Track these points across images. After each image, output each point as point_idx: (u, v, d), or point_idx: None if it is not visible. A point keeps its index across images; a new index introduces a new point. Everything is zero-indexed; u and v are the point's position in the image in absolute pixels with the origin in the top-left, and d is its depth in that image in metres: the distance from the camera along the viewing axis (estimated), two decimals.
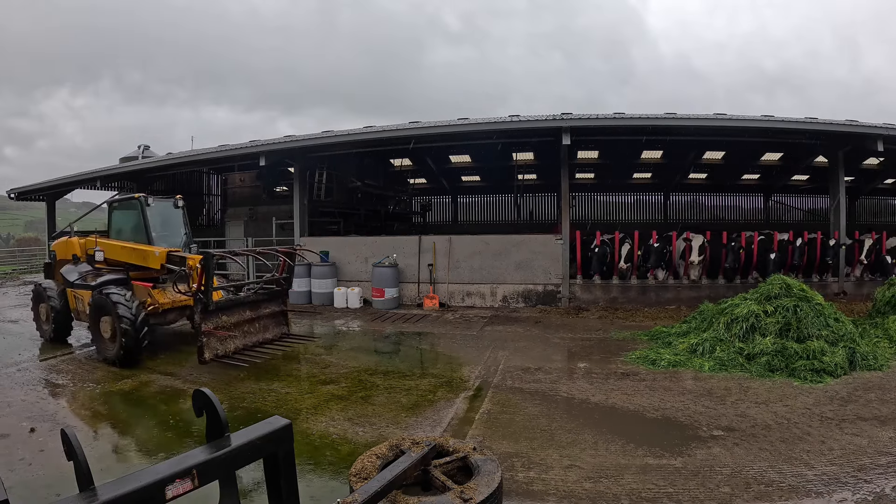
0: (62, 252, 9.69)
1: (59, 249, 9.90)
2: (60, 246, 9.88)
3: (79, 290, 8.49)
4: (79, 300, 8.52)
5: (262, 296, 8.21)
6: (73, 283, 8.56)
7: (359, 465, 3.69)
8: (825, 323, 7.15)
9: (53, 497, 3.80)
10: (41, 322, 9.32)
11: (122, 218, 9.31)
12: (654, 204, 23.01)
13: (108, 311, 7.54)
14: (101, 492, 1.91)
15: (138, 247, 8.50)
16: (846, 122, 12.47)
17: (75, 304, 8.69)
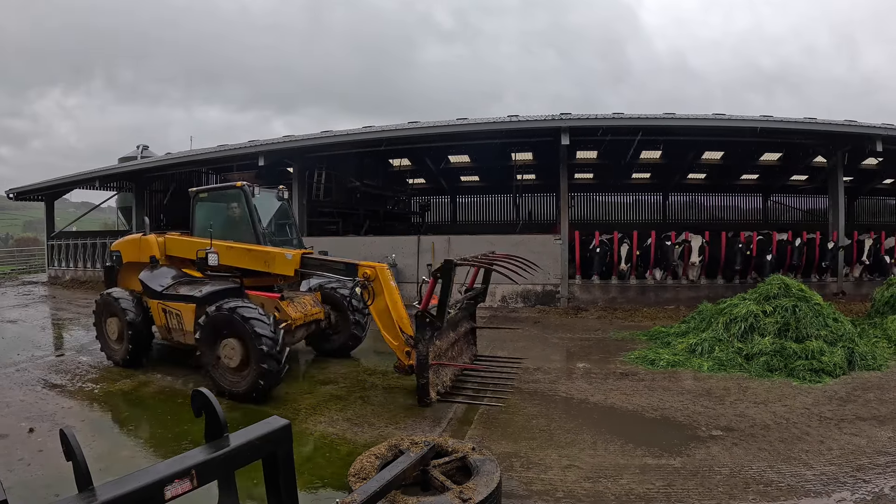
0: (131, 253, 7.95)
1: (126, 249, 8.08)
2: (129, 245, 8.08)
3: (171, 303, 6.97)
4: (171, 315, 7.00)
5: (464, 312, 6.99)
6: (162, 292, 7.08)
7: (358, 466, 3.70)
8: (824, 323, 7.15)
9: (52, 497, 3.80)
10: (109, 341, 7.54)
11: (212, 212, 7.69)
12: (653, 204, 23.01)
13: (238, 332, 5.87)
14: (100, 492, 1.91)
15: (261, 248, 6.93)
16: (845, 122, 12.49)
17: (164, 319, 7.11)
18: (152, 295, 7.19)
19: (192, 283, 7.11)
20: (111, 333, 7.50)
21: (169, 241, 7.71)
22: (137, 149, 21.60)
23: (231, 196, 7.46)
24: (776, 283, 7.79)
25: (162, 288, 7.13)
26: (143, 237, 7.82)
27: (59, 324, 11.44)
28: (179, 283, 7.17)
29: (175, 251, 7.61)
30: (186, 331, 6.78)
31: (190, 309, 6.71)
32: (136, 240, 7.94)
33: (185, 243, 7.51)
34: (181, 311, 6.85)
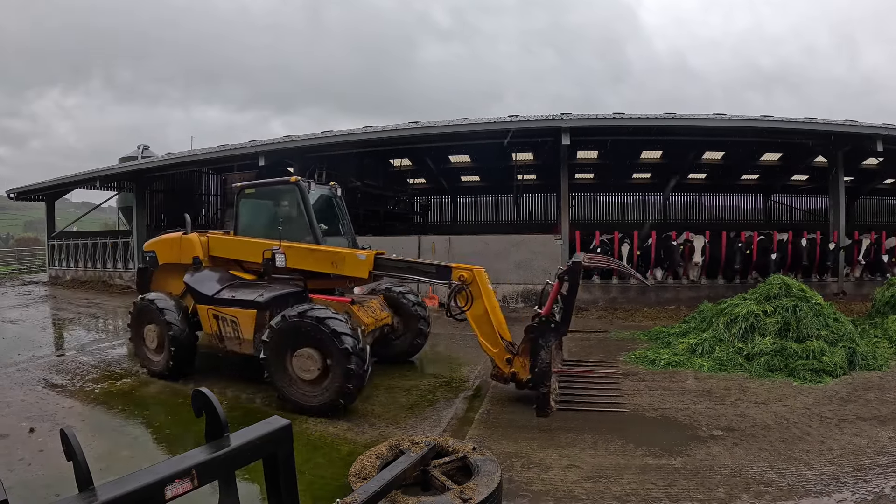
0: (169, 253, 7.32)
1: (162, 250, 7.43)
2: (166, 245, 7.42)
3: (226, 308, 6.37)
4: (224, 322, 6.39)
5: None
6: (214, 297, 6.46)
7: (358, 466, 3.70)
8: (824, 323, 7.15)
9: (53, 497, 3.80)
10: (147, 351, 6.91)
11: (260, 209, 7.31)
12: (654, 204, 22.99)
13: (318, 341, 5.37)
14: (100, 492, 1.91)
15: (329, 249, 6.53)
16: (846, 122, 12.49)
17: (216, 326, 6.49)
18: (201, 300, 6.57)
19: (249, 287, 6.50)
20: (150, 342, 6.84)
21: (213, 240, 7.17)
22: (138, 149, 21.62)
23: (283, 192, 7.01)
24: (777, 283, 7.78)
25: (213, 292, 6.49)
26: (183, 236, 7.20)
27: (59, 324, 11.45)
28: (233, 287, 6.56)
29: (220, 251, 7.08)
30: (244, 339, 6.23)
31: (249, 315, 6.13)
32: (175, 239, 7.29)
33: (233, 243, 7.03)
34: (237, 318, 6.25)
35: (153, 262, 7.49)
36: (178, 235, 7.27)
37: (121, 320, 11.87)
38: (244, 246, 6.90)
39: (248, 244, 6.86)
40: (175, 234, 7.42)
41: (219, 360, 7.41)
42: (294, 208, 6.83)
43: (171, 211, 21.22)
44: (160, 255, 7.41)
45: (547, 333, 5.23)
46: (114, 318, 12.14)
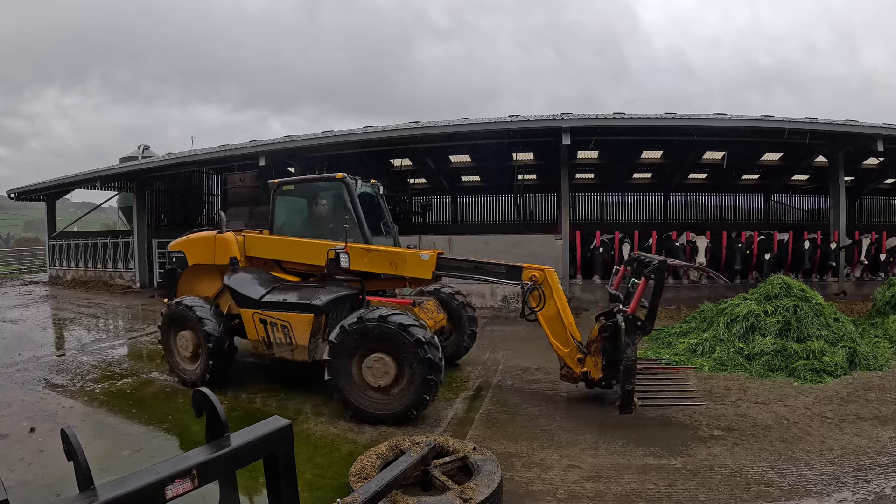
0: (200, 253, 6.88)
1: (192, 250, 6.99)
2: (197, 245, 6.98)
3: (277, 313, 5.95)
4: (274, 327, 5.98)
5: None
6: (262, 300, 6.04)
7: (359, 465, 3.70)
8: (825, 323, 7.15)
9: (53, 497, 3.81)
10: (180, 359, 6.51)
11: (300, 206, 7.00)
12: (654, 204, 22.98)
13: (393, 344, 5.15)
14: (100, 492, 1.91)
15: (387, 249, 6.30)
16: (846, 121, 12.48)
17: (263, 331, 6.07)
18: (246, 303, 6.14)
19: (299, 290, 6.12)
20: (183, 350, 6.42)
21: (251, 239, 6.76)
22: (138, 149, 21.62)
23: (327, 189, 6.70)
24: (777, 282, 7.78)
25: (260, 295, 6.08)
26: (219, 235, 6.73)
27: (60, 324, 11.45)
28: (281, 290, 6.17)
29: (259, 252, 6.70)
30: (297, 345, 5.85)
31: (304, 320, 5.75)
32: (208, 238, 6.83)
33: (277, 243, 6.66)
34: (290, 323, 5.84)
35: (181, 263, 7.04)
36: (213, 234, 6.80)
37: (121, 320, 11.89)
38: (291, 246, 6.56)
39: (296, 244, 6.51)
40: (208, 232, 6.99)
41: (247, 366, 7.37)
42: (340, 207, 6.54)
43: (172, 211, 21.27)
44: (190, 255, 6.96)
45: (633, 331, 5.10)
46: (114, 319, 12.15)
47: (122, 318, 12.23)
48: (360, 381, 5.29)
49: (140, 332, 10.06)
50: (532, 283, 5.63)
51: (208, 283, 6.85)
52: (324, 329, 5.70)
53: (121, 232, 21.43)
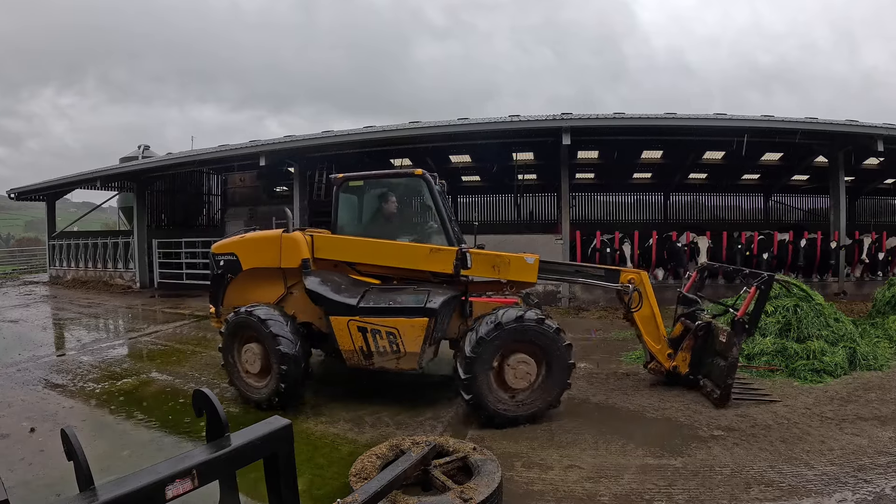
0: (260, 255, 6.14)
1: (249, 252, 6.22)
2: (256, 246, 6.24)
3: (382, 319, 5.47)
4: (377, 335, 5.50)
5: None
6: (361, 306, 5.53)
7: (359, 465, 3.71)
8: (825, 323, 7.14)
9: (54, 497, 3.81)
10: (245, 376, 5.82)
11: (368, 204, 6.54)
12: (655, 204, 22.99)
13: (538, 345, 5.20)
14: (101, 492, 1.92)
15: (490, 252, 5.96)
16: (846, 121, 12.48)
17: (362, 340, 5.54)
18: (340, 311, 5.58)
19: (398, 293, 5.71)
20: (248, 366, 5.77)
21: (321, 240, 6.08)
22: (138, 149, 21.65)
23: (404, 186, 6.49)
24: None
25: (358, 301, 5.58)
26: (286, 235, 6.00)
27: (60, 324, 11.45)
28: (376, 294, 5.71)
29: (330, 253, 6.06)
30: (406, 352, 5.45)
31: (417, 325, 5.38)
32: (272, 239, 6.08)
33: (351, 244, 6.08)
34: (398, 329, 5.42)
35: (232, 268, 6.25)
36: (278, 234, 6.06)
37: (121, 320, 11.90)
38: (376, 247, 6.00)
39: (383, 245, 5.99)
40: (271, 232, 6.30)
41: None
42: (420, 203, 6.31)
43: (173, 211, 21.28)
44: (245, 257, 6.17)
45: (740, 332, 5.56)
46: (114, 319, 12.15)
47: (123, 318, 12.23)
48: (499, 385, 5.21)
49: (140, 332, 10.06)
50: (632, 285, 5.89)
51: (267, 288, 6.15)
52: (432, 334, 5.45)
53: (121, 232, 21.44)
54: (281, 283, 6.11)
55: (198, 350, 8.47)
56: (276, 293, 6.11)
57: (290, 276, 6.03)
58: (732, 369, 5.55)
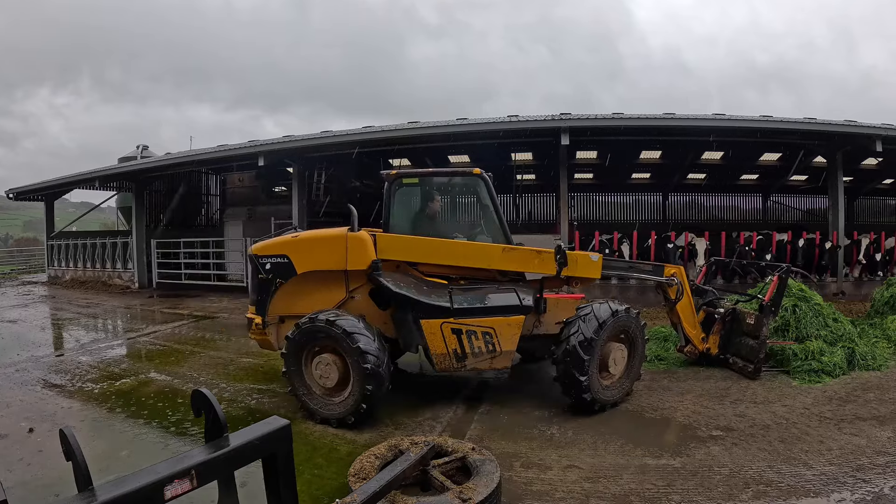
0: (319, 257, 5.68)
1: (304, 252, 5.70)
2: (314, 246, 5.79)
3: (479, 320, 5.44)
4: (472, 336, 5.43)
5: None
6: (455, 308, 5.43)
7: (358, 466, 3.70)
8: (824, 323, 7.15)
9: (52, 497, 3.80)
10: (317, 389, 5.31)
11: (423, 202, 6.30)
12: (653, 204, 23.01)
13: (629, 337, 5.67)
14: (99, 492, 1.91)
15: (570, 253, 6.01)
16: (845, 122, 12.50)
17: (456, 343, 5.42)
18: (433, 313, 5.43)
19: (482, 292, 5.70)
20: (323, 380, 5.25)
21: (385, 239, 5.74)
22: (137, 149, 21.63)
23: (461, 185, 6.46)
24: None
25: (449, 302, 5.47)
26: (351, 234, 5.58)
27: (58, 324, 11.44)
28: (465, 293, 5.63)
29: (394, 253, 5.73)
30: (501, 351, 5.50)
31: (514, 323, 5.48)
32: (337, 238, 5.62)
33: (418, 244, 5.82)
34: (495, 328, 5.45)
35: (283, 271, 5.67)
36: (343, 233, 5.61)
37: (120, 320, 11.88)
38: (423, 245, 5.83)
39: (456, 245, 5.88)
40: (334, 230, 5.84)
41: None
42: (477, 201, 6.28)
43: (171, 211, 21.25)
44: (300, 259, 5.62)
45: (769, 314, 6.53)
46: (113, 319, 12.14)
47: (121, 318, 12.22)
48: (601, 369, 5.55)
49: (139, 333, 10.05)
50: (675, 279, 6.50)
51: (324, 293, 5.69)
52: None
53: (119, 232, 21.42)
54: (341, 287, 5.71)
55: (196, 350, 8.46)
56: (335, 298, 5.68)
57: (354, 279, 5.67)
58: (763, 346, 6.45)
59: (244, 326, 6.58)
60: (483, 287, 5.79)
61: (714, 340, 6.94)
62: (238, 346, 8.69)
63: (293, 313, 5.60)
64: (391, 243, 5.73)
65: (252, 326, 5.91)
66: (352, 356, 5.04)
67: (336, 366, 5.17)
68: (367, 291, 5.69)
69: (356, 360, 5.01)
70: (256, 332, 5.92)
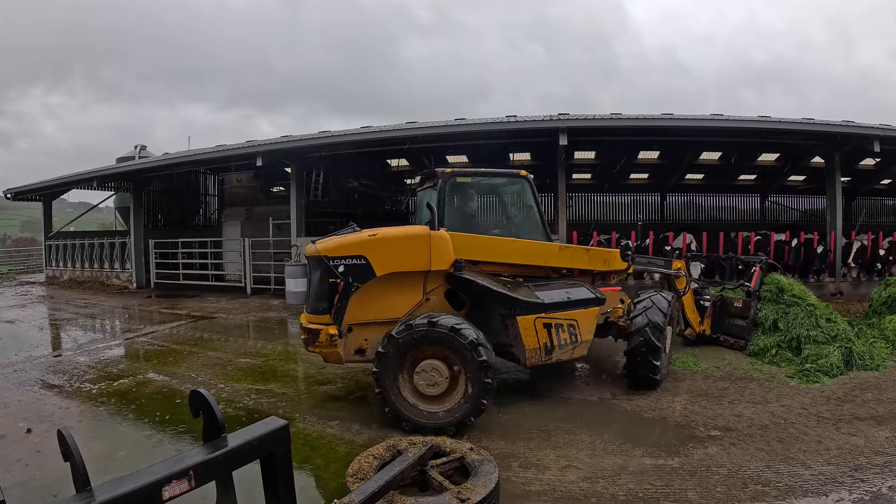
0: (401, 257, 5.28)
1: (385, 252, 5.22)
2: (394, 247, 5.33)
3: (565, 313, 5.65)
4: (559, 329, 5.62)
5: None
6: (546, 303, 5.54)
7: (356, 466, 3.70)
8: (815, 323, 7.22)
9: (50, 498, 3.79)
10: (416, 398, 5.03)
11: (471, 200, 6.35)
12: (652, 204, 23.04)
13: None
14: (97, 492, 1.91)
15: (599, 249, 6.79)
16: (843, 122, 12.52)
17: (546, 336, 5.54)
18: (531, 309, 5.45)
19: (555, 286, 5.90)
20: (426, 387, 4.97)
21: (459, 238, 5.56)
22: (135, 149, 21.61)
23: (507, 186, 6.64)
24: (773, 283, 7.84)
25: (542, 298, 5.55)
26: (434, 233, 5.39)
27: (56, 324, 11.42)
28: (536, 289, 5.72)
29: (468, 252, 5.58)
30: (582, 341, 5.79)
31: (592, 314, 5.90)
32: (420, 237, 5.35)
33: (486, 242, 5.84)
34: (577, 320, 5.71)
35: (360, 273, 5.14)
36: (425, 232, 5.39)
37: (118, 321, 11.87)
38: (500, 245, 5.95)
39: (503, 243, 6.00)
40: (409, 230, 5.69)
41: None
42: (521, 202, 6.54)
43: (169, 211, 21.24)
44: (379, 261, 5.15)
45: (755, 299, 7.76)
46: (111, 319, 12.13)
47: (119, 318, 12.20)
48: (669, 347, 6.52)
49: (137, 333, 10.04)
50: (683, 272, 7.70)
51: (399, 297, 5.39)
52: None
53: (117, 232, 21.40)
54: (418, 290, 5.44)
55: (194, 350, 8.45)
56: (410, 301, 5.42)
57: (431, 281, 5.47)
58: (752, 324, 7.63)
59: (242, 327, 6.58)
60: (547, 283, 5.98)
61: (707, 323, 8.09)
62: (236, 346, 8.69)
63: (362, 320, 5.27)
64: (465, 242, 5.62)
65: (320, 339, 5.23)
66: (471, 367, 4.86)
67: (445, 374, 4.98)
68: (443, 292, 5.55)
69: (476, 372, 4.84)
70: (325, 345, 5.27)
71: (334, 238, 5.42)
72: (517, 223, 6.50)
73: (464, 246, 5.57)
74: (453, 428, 4.86)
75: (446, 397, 4.99)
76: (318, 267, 5.32)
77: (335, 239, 5.38)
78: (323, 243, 5.33)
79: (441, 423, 4.88)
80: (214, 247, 17.52)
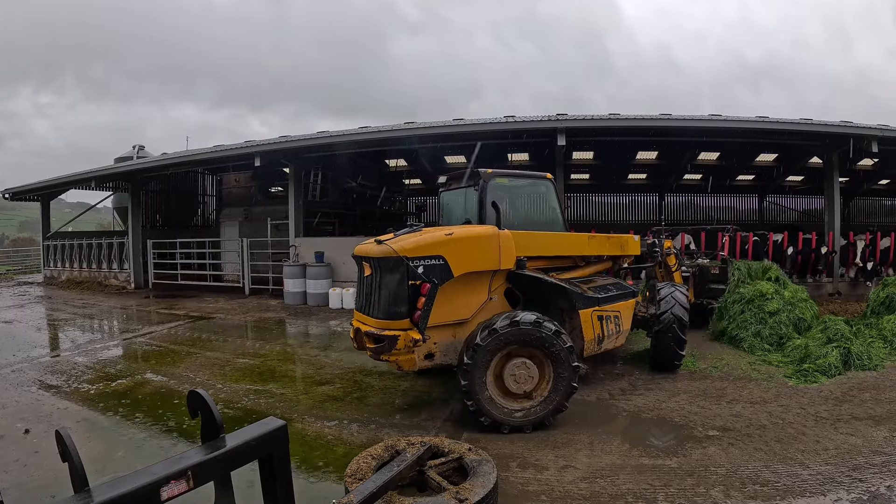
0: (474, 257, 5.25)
1: (461, 252, 5.15)
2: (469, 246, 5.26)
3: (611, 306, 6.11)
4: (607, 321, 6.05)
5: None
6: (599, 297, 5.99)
7: (354, 466, 3.69)
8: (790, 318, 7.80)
9: (48, 499, 3.78)
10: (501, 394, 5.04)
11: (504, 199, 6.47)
12: (650, 204, 23.06)
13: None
14: (95, 493, 1.91)
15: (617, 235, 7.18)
16: (840, 122, 12.53)
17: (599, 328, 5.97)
18: (589, 303, 5.80)
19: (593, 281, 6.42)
20: (512, 384, 4.99)
21: (518, 236, 5.59)
22: (133, 149, 21.61)
23: (534, 186, 6.99)
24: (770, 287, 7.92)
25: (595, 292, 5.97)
26: (501, 232, 5.43)
27: (54, 324, 11.39)
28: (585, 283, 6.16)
29: (526, 249, 5.66)
30: (623, 330, 6.34)
31: (630, 305, 6.49)
32: (490, 237, 5.36)
33: (535, 238, 5.96)
34: (621, 311, 6.22)
35: (439, 274, 5.00)
36: (494, 231, 5.43)
37: (116, 321, 11.85)
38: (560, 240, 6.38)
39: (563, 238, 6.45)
40: (480, 229, 5.63)
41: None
42: (545, 203, 6.99)
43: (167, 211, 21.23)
44: (457, 260, 5.06)
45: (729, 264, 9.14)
46: (109, 319, 12.11)
47: (117, 318, 12.19)
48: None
49: (135, 333, 10.03)
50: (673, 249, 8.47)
51: (468, 297, 5.34)
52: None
53: (116, 232, 21.38)
54: (484, 289, 5.42)
55: (192, 351, 8.44)
56: (477, 301, 5.37)
57: (496, 279, 5.49)
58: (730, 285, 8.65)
59: (240, 327, 6.59)
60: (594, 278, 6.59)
61: (691, 292, 8.67)
62: (234, 346, 8.68)
63: (432, 323, 5.06)
64: (523, 240, 5.68)
65: (398, 345, 4.91)
66: (559, 354, 4.99)
67: (534, 373, 5.03)
68: (503, 291, 5.60)
69: (569, 371, 5.03)
70: (403, 352, 4.96)
71: (410, 237, 5.15)
72: (542, 220, 6.90)
73: (524, 243, 5.67)
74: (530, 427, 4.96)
75: (532, 397, 5.07)
76: (393, 268, 5.02)
77: (412, 238, 5.12)
78: (398, 243, 5.02)
79: (532, 418, 4.98)
80: (212, 247, 17.50)
